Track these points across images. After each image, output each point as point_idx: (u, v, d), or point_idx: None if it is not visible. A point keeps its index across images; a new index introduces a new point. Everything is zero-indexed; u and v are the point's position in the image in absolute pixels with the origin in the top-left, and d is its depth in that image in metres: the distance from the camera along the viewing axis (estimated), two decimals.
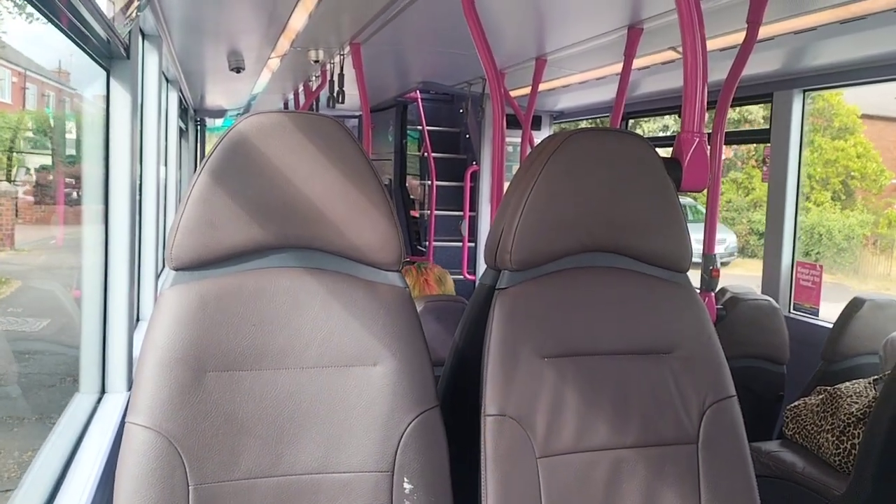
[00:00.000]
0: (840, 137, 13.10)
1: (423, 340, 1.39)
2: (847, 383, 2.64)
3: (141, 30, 2.43)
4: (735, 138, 5.35)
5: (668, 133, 11.54)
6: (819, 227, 12.62)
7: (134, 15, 1.87)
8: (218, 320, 1.29)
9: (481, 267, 1.53)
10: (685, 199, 12.60)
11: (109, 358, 1.92)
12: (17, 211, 5.33)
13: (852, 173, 13.12)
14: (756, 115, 12.38)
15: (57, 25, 1.57)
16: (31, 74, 5.84)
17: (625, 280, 1.51)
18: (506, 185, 1.62)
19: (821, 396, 2.66)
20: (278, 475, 1.28)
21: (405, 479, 1.31)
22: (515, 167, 1.62)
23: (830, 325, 3.03)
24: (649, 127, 11.70)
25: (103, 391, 1.92)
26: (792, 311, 3.58)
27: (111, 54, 1.93)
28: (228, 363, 1.28)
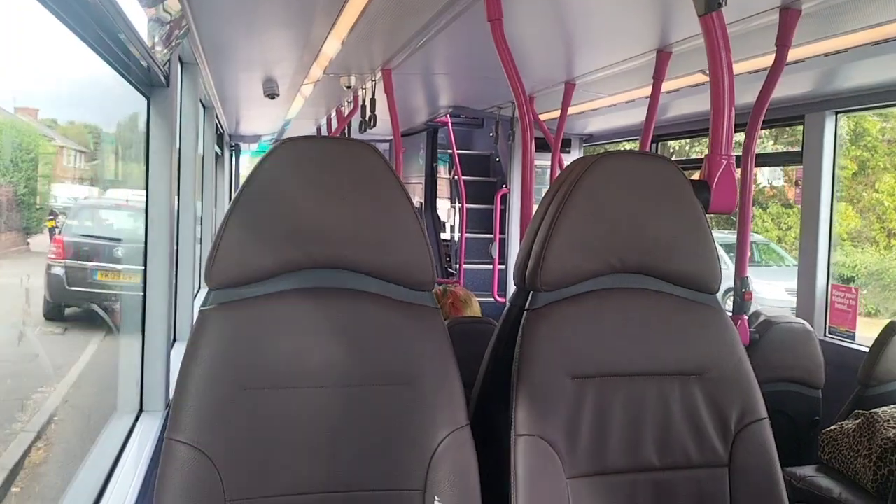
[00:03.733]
0: None
1: (454, 360, 1.41)
2: (884, 408, 2.59)
3: (179, 58, 2.50)
4: (766, 160, 5.31)
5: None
6: None
7: (174, 44, 1.93)
8: (255, 339, 1.32)
9: (511, 289, 1.55)
10: (756, 237, 11.33)
11: (147, 377, 1.97)
12: None
13: None
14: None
15: (101, 54, 1.64)
16: None
17: (654, 301, 1.51)
18: (535, 207, 1.64)
19: (857, 421, 2.62)
20: (313, 492, 1.30)
21: (436, 498, 1.32)
22: (545, 190, 1.64)
23: (867, 349, 2.99)
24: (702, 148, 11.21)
25: (141, 410, 1.96)
26: (827, 334, 3.52)
27: (151, 82, 1.99)
28: (265, 381, 1.31)
